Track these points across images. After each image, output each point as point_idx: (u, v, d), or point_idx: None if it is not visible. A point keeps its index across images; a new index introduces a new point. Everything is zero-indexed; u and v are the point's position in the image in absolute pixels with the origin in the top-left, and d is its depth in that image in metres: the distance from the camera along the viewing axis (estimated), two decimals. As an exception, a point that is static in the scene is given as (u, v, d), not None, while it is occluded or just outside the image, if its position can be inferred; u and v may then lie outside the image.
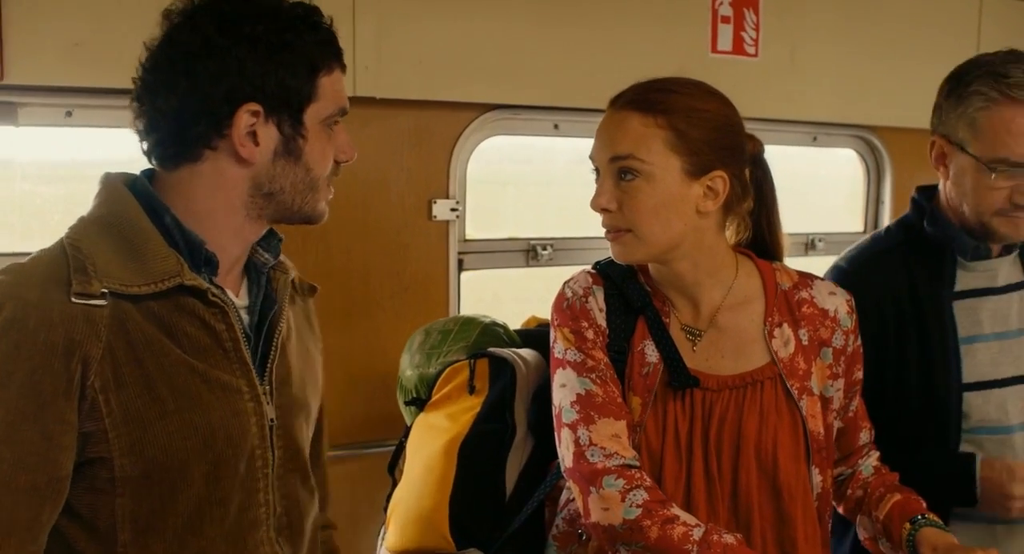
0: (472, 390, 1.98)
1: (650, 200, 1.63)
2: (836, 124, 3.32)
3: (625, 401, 1.69)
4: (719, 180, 1.65)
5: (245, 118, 1.38)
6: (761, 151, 1.78)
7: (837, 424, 1.79)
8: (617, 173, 1.64)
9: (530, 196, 3.33)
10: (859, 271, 2.06)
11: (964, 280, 2.02)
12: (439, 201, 2.64)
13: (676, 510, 1.59)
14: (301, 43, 1.39)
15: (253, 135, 1.39)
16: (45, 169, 2.50)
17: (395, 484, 2.06)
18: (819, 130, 3.32)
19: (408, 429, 2.07)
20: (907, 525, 1.74)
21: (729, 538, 1.55)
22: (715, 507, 1.67)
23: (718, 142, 1.65)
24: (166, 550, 1.37)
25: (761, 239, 1.82)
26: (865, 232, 3.49)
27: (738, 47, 2.99)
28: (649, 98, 1.65)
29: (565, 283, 1.78)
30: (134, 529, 1.35)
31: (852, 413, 1.83)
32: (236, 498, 1.41)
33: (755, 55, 3.03)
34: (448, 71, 2.57)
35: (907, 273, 2.03)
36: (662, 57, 2.83)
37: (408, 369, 2.14)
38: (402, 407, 2.17)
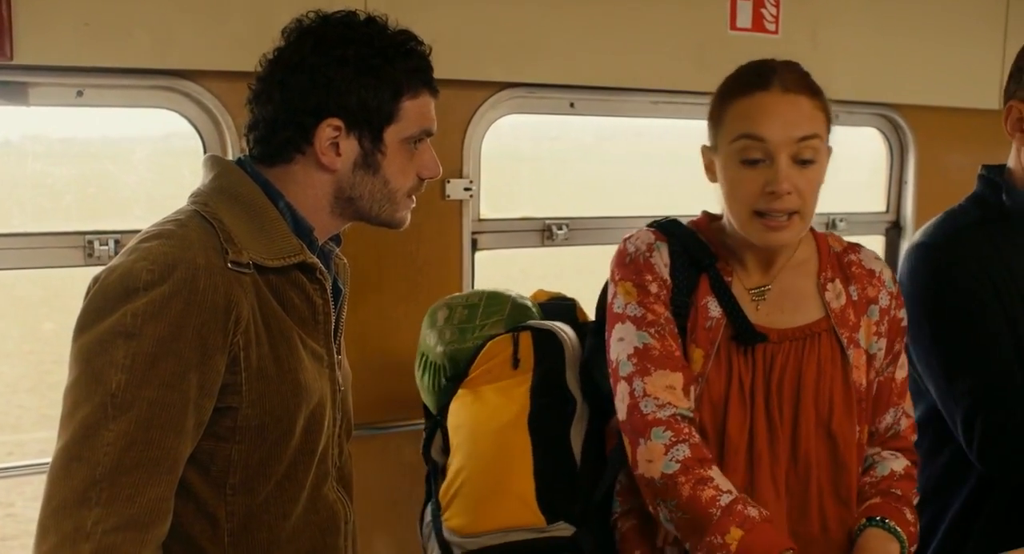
0: (516, 364, 1.99)
1: (818, 179, 1.70)
2: (859, 102, 3.27)
3: (686, 354, 1.74)
4: (828, 153, 1.73)
5: (327, 131, 1.55)
6: None
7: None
8: (795, 156, 1.66)
9: (547, 174, 3.31)
10: (950, 246, 2.02)
11: None
12: (452, 181, 2.62)
13: (714, 472, 1.64)
14: (389, 68, 1.56)
15: (336, 146, 1.57)
16: (56, 149, 2.49)
17: (435, 466, 2.05)
18: (841, 108, 3.23)
19: (442, 409, 2.04)
20: (863, 520, 1.76)
21: (754, 511, 1.59)
22: (776, 452, 1.73)
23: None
24: (268, 494, 1.55)
25: None
26: (888, 212, 3.45)
27: (758, 24, 2.94)
28: (806, 81, 1.70)
29: (625, 239, 1.81)
30: (244, 474, 1.51)
31: (885, 378, 1.82)
32: (319, 451, 1.61)
33: (775, 32, 2.98)
34: (461, 49, 2.54)
35: (994, 247, 2.01)
36: (680, 34, 2.80)
37: (438, 345, 2.10)
38: (424, 385, 2.14)
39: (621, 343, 1.73)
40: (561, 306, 2.19)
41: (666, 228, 1.80)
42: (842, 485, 1.75)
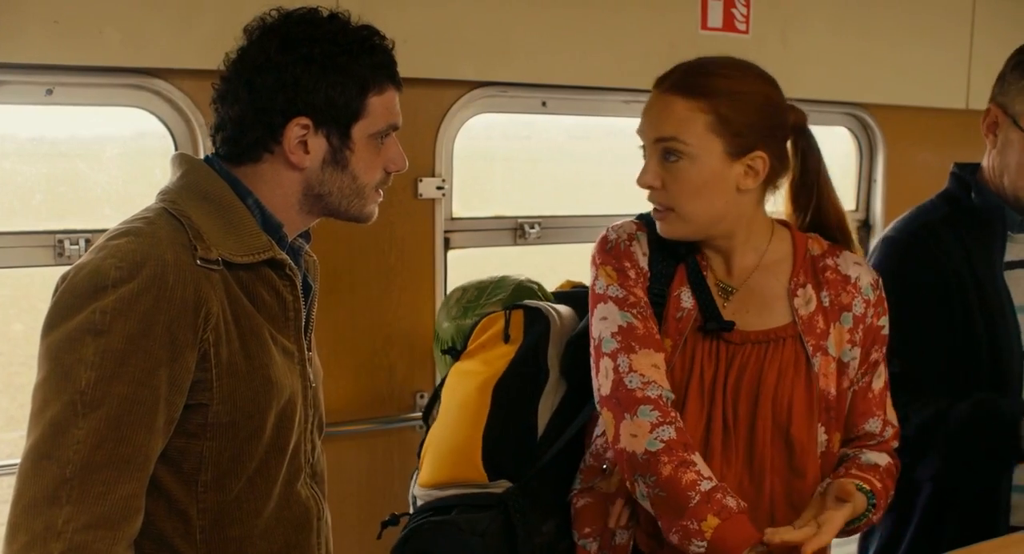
0: (507, 339, 2.04)
1: (692, 180, 1.70)
2: (828, 102, 3.30)
3: None
4: (759, 160, 1.72)
5: (296, 130, 1.55)
6: (804, 121, 1.83)
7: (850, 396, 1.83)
8: (662, 153, 1.71)
9: (519, 173, 3.31)
10: (914, 241, 2.09)
11: (1011, 251, 2.07)
12: (425, 179, 2.62)
13: (696, 457, 1.66)
14: (355, 65, 1.56)
15: (304, 144, 1.56)
16: (26, 148, 2.47)
17: (427, 432, 2.12)
18: (811, 108, 3.24)
19: (443, 379, 2.13)
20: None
21: (732, 502, 1.60)
22: (728, 455, 1.74)
23: (759, 124, 1.71)
24: (240, 490, 1.55)
25: (814, 213, 1.88)
26: (857, 211, 3.49)
27: (728, 24, 2.96)
28: (693, 82, 1.70)
29: (608, 228, 1.85)
30: (216, 471, 1.51)
31: (860, 388, 1.83)
32: (291, 447, 1.61)
33: (746, 32, 3.00)
34: (434, 49, 2.54)
35: (960, 243, 2.06)
36: (651, 33, 2.81)
37: (445, 322, 2.25)
38: (437, 357, 2.29)
39: (604, 322, 1.75)
40: (575, 294, 2.24)
41: (649, 220, 1.82)
42: (795, 492, 1.75)
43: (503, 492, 1.87)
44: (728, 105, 1.68)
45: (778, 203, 1.87)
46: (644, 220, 1.84)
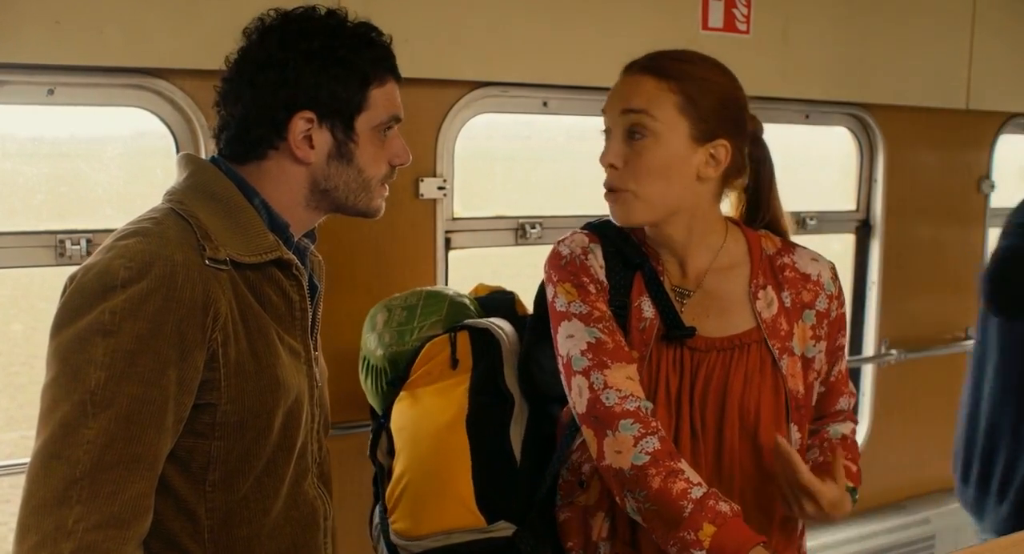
0: (455, 365, 1.99)
1: (656, 159, 1.68)
2: (829, 102, 3.31)
3: None
4: (722, 149, 1.71)
5: (300, 124, 1.56)
6: (760, 131, 1.82)
7: (819, 388, 1.84)
8: (627, 131, 1.70)
9: (520, 173, 3.31)
10: None
11: None
12: (426, 179, 2.62)
13: (683, 465, 1.64)
14: (355, 58, 1.57)
15: (309, 139, 1.58)
16: (27, 147, 2.47)
17: (382, 469, 2.05)
18: (811, 108, 3.31)
19: (386, 411, 2.05)
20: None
21: (725, 507, 1.59)
22: (697, 462, 1.73)
23: (724, 112, 1.71)
24: (247, 490, 1.55)
25: (762, 218, 1.88)
26: (857, 210, 3.49)
27: (729, 24, 2.97)
28: (663, 65, 1.71)
29: (559, 242, 1.82)
30: (224, 470, 1.52)
31: (834, 378, 1.87)
32: (297, 447, 1.62)
33: (746, 32, 3.00)
34: (435, 49, 2.55)
35: None
36: (652, 33, 2.81)
37: (378, 349, 2.12)
38: (368, 388, 2.15)
39: (571, 339, 1.72)
40: (500, 300, 2.19)
41: (599, 229, 1.81)
42: (765, 495, 1.76)
43: (513, 535, 1.84)
44: (696, 88, 1.68)
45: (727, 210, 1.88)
46: (594, 230, 1.82)
